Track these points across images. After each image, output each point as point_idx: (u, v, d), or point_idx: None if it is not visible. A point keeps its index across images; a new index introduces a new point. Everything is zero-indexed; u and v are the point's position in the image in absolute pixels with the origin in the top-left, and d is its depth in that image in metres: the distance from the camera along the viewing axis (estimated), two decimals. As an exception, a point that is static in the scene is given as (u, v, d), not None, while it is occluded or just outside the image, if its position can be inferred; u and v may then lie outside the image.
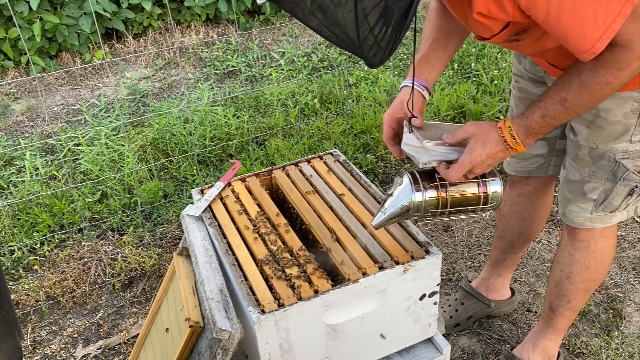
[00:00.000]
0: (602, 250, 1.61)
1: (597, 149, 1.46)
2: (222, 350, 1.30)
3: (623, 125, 1.40)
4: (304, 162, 1.79)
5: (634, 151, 1.42)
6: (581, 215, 1.56)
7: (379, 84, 3.44)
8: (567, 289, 1.68)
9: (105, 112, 3.56)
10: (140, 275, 2.35)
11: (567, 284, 1.67)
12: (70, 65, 4.13)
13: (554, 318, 1.76)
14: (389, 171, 2.88)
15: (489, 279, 2.05)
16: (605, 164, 1.46)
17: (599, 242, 1.60)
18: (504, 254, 1.98)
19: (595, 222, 1.56)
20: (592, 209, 1.53)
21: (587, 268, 1.63)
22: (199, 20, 4.59)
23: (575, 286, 1.66)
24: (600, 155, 1.46)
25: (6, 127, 3.51)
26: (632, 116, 1.38)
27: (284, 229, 1.52)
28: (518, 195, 1.86)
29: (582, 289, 1.67)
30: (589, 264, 1.62)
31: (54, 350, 2.10)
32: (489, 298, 2.06)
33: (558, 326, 1.77)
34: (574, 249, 1.63)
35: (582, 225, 1.58)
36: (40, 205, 2.65)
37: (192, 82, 3.86)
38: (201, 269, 1.42)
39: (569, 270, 1.65)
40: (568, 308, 1.72)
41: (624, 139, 1.41)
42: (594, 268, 1.62)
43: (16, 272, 2.37)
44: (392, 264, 1.38)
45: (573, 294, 1.68)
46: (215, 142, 3.03)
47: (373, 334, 1.44)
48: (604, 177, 1.48)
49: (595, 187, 1.50)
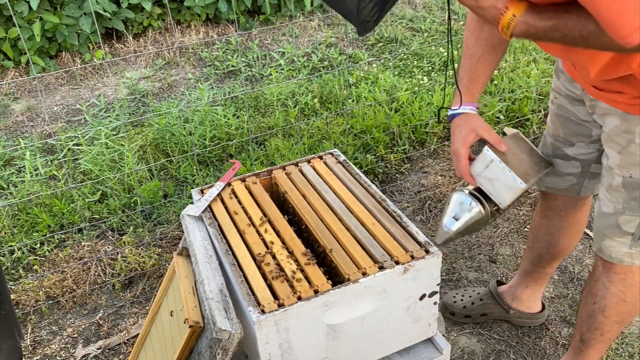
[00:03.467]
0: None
1: (630, 179, 1.37)
2: (222, 350, 1.30)
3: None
4: (304, 162, 1.79)
5: None
6: (620, 250, 1.47)
7: (379, 84, 3.44)
8: (600, 322, 1.60)
9: (105, 112, 3.56)
10: (140, 275, 2.35)
11: (600, 317, 1.59)
12: (70, 65, 4.13)
13: (585, 350, 1.69)
14: (389, 171, 2.88)
15: (516, 287, 2.01)
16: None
17: (637, 275, 1.51)
18: (533, 267, 1.92)
19: (635, 259, 1.47)
20: (630, 244, 1.44)
21: (623, 301, 1.54)
22: (199, 20, 4.59)
23: (610, 319, 1.58)
24: (635, 186, 1.37)
25: (6, 127, 3.51)
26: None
27: (283, 229, 1.52)
28: (547, 209, 1.79)
29: (616, 322, 1.59)
30: (625, 297, 1.53)
31: (54, 350, 2.10)
32: (510, 305, 2.02)
33: (589, 358, 1.70)
34: (610, 282, 1.54)
35: (621, 261, 1.48)
36: (40, 205, 2.65)
37: (192, 82, 3.86)
38: (201, 269, 1.42)
39: (604, 304, 1.56)
40: (600, 341, 1.64)
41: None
42: (630, 301, 1.54)
43: (16, 272, 2.37)
44: (392, 264, 1.38)
45: (607, 327, 1.61)
46: (215, 142, 3.03)
47: (373, 334, 1.44)
48: (639, 209, 1.39)
49: (630, 220, 1.42)
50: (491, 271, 2.32)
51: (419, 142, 3.05)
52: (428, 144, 3.03)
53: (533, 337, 2.03)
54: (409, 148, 3.00)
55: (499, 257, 2.38)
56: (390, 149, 2.97)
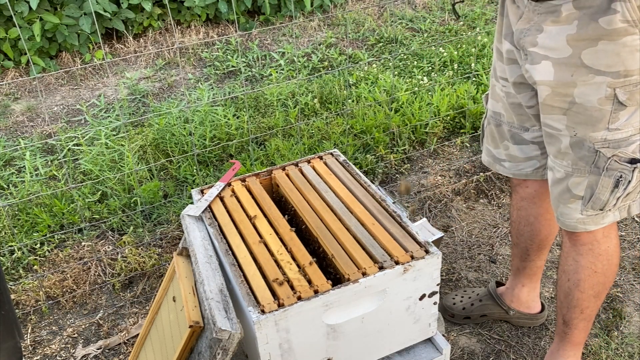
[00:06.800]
0: (607, 251, 1.55)
1: (576, 137, 1.40)
2: (222, 350, 1.30)
3: (599, 112, 1.34)
4: (304, 162, 1.79)
5: (613, 140, 1.36)
6: (572, 216, 1.50)
7: (379, 84, 3.44)
8: (578, 299, 1.62)
9: (105, 112, 3.56)
10: (140, 275, 2.35)
11: (577, 292, 1.61)
12: (70, 66, 4.13)
13: (570, 332, 1.70)
14: (389, 171, 2.88)
15: (513, 288, 2.02)
16: (586, 154, 1.40)
17: (602, 244, 1.54)
18: (523, 262, 1.93)
19: (587, 224, 1.50)
20: (581, 208, 1.47)
21: (595, 272, 1.57)
22: (199, 21, 4.60)
23: (586, 294, 1.60)
24: (580, 144, 1.40)
25: (6, 127, 3.51)
26: (606, 102, 1.32)
27: (283, 229, 1.52)
28: (521, 200, 1.83)
29: (592, 295, 1.61)
30: (596, 268, 1.56)
31: (54, 350, 2.10)
32: (510, 306, 2.02)
33: (575, 340, 1.72)
34: (578, 254, 1.57)
35: (575, 228, 1.52)
36: (40, 205, 2.65)
37: (192, 82, 3.86)
38: (201, 269, 1.42)
39: (577, 278, 1.60)
40: (582, 319, 1.66)
41: (601, 126, 1.35)
42: (601, 271, 1.57)
43: (16, 272, 2.37)
44: (392, 264, 1.38)
45: (585, 303, 1.62)
46: (215, 142, 3.03)
47: (373, 334, 1.45)
48: (586, 169, 1.42)
49: (579, 182, 1.44)
50: (491, 271, 2.32)
51: (419, 142, 3.05)
52: (428, 144, 3.03)
53: (533, 337, 2.03)
54: (409, 148, 3.00)
55: (499, 257, 2.38)
56: (390, 149, 2.98)
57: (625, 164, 1.37)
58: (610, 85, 1.31)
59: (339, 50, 4.12)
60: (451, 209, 2.64)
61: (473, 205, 2.67)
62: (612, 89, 1.31)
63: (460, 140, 3.04)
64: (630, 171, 1.37)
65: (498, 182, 2.76)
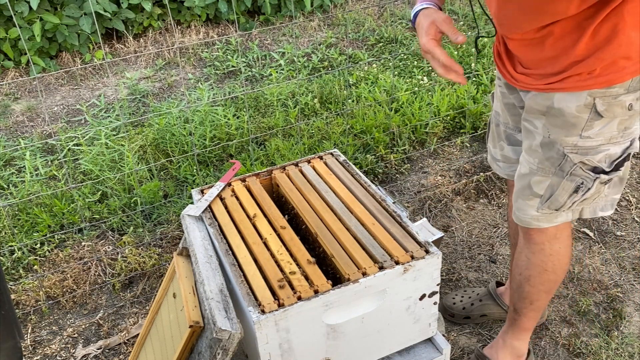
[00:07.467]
0: (558, 252, 1.60)
1: (549, 139, 1.42)
2: (222, 350, 1.30)
3: (576, 119, 1.36)
4: (304, 162, 1.79)
5: (583, 147, 1.39)
6: (528, 212, 1.53)
7: (379, 84, 3.45)
8: (528, 292, 1.68)
9: (105, 112, 3.56)
10: (140, 275, 2.35)
11: (527, 286, 1.67)
12: (70, 66, 4.13)
13: (519, 319, 1.77)
14: (389, 171, 2.88)
15: None
16: (554, 156, 1.42)
17: (554, 245, 1.59)
18: None
19: (541, 221, 1.53)
20: (538, 206, 1.50)
21: (545, 271, 1.62)
22: (199, 21, 4.60)
23: (536, 288, 1.66)
24: (550, 146, 1.43)
25: (6, 127, 3.51)
26: (584, 110, 1.34)
27: (283, 229, 1.52)
28: None
29: (542, 291, 1.67)
30: (546, 267, 1.62)
31: (54, 350, 2.10)
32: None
33: (523, 326, 1.78)
34: (531, 252, 1.62)
35: (529, 224, 1.55)
36: (40, 205, 2.65)
37: (192, 82, 3.86)
38: (201, 269, 1.42)
39: (528, 274, 1.65)
40: (531, 309, 1.72)
41: (575, 132, 1.38)
42: (551, 270, 1.62)
43: (16, 272, 2.37)
44: (392, 264, 1.38)
45: (534, 296, 1.68)
46: (215, 142, 3.03)
47: (373, 334, 1.45)
48: (551, 170, 1.44)
49: (540, 181, 1.47)
50: (491, 271, 2.32)
51: (419, 142, 3.05)
52: (428, 144, 3.03)
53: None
54: (409, 148, 3.00)
55: (499, 257, 2.38)
56: (390, 149, 2.98)
57: (589, 172, 1.40)
58: (591, 94, 1.32)
59: (339, 50, 4.12)
60: (451, 209, 2.64)
61: (473, 205, 2.67)
62: (592, 98, 1.32)
63: (460, 140, 3.04)
64: (592, 180, 1.40)
65: (498, 182, 2.76)
